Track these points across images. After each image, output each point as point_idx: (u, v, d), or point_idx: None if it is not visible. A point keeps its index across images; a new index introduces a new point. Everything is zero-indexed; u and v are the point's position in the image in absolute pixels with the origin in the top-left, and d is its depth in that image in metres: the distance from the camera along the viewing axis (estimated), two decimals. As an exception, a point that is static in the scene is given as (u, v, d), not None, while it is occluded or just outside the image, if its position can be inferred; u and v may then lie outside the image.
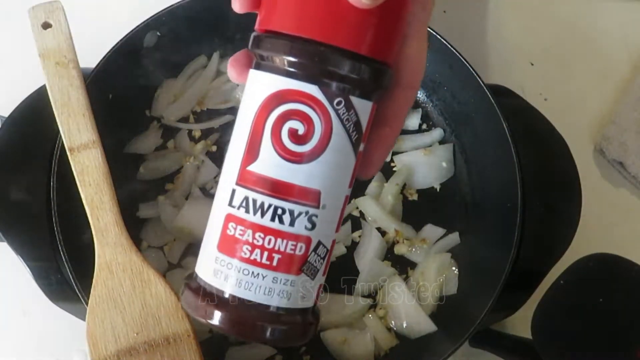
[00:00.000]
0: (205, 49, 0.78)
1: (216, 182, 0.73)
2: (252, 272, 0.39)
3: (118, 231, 0.55)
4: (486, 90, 0.66)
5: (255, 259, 0.39)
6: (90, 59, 0.64)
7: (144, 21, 0.69)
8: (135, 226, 0.69)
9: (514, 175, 0.63)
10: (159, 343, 0.52)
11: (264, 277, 0.40)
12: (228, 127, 0.76)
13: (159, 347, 0.52)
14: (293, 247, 0.40)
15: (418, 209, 0.74)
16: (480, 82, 0.67)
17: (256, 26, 0.41)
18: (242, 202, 0.40)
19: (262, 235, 0.39)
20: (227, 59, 0.78)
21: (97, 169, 0.56)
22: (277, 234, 0.39)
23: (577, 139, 0.73)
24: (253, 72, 0.41)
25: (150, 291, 0.54)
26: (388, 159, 0.75)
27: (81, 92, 0.58)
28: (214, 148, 0.75)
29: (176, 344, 0.52)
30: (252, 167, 0.39)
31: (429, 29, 0.69)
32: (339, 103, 0.39)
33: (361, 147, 0.41)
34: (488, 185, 0.71)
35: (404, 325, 0.66)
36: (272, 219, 0.39)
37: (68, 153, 0.56)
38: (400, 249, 0.70)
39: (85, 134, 0.57)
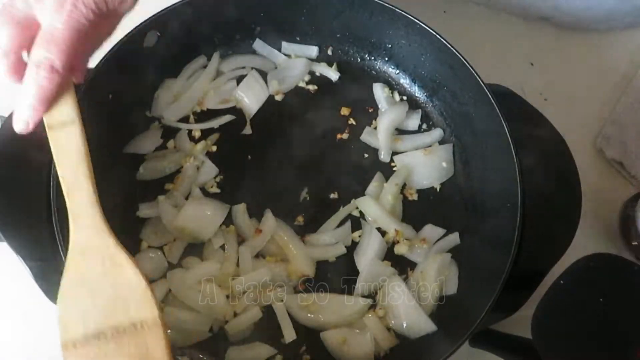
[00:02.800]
0: (205, 49, 0.78)
1: (216, 182, 0.73)
2: None
3: (92, 212, 0.53)
4: (486, 90, 0.66)
5: None
6: (90, 59, 0.64)
7: (144, 21, 0.69)
8: (135, 226, 0.69)
9: (514, 175, 0.63)
10: (125, 328, 0.51)
11: None
12: (228, 127, 0.76)
13: (126, 333, 0.51)
14: None
15: (418, 209, 0.74)
16: (480, 82, 0.67)
17: None
18: None
19: None
20: (227, 59, 0.80)
21: (75, 147, 0.53)
22: None
23: (577, 139, 0.73)
24: None
25: (121, 275, 0.52)
26: (388, 160, 0.76)
27: None
28: (214, 148, 0.75)
29: (143, 331, 0.51)
30: None
31: (429, 29, 0.70)
32: None
33: None
34: (488, 185, 0.71)
35: (404, 325, 0.66)
36: None
37: (47, 130, 0.54)
38: (400, 249, 0.70)
39: (65, 111, 0.54)
